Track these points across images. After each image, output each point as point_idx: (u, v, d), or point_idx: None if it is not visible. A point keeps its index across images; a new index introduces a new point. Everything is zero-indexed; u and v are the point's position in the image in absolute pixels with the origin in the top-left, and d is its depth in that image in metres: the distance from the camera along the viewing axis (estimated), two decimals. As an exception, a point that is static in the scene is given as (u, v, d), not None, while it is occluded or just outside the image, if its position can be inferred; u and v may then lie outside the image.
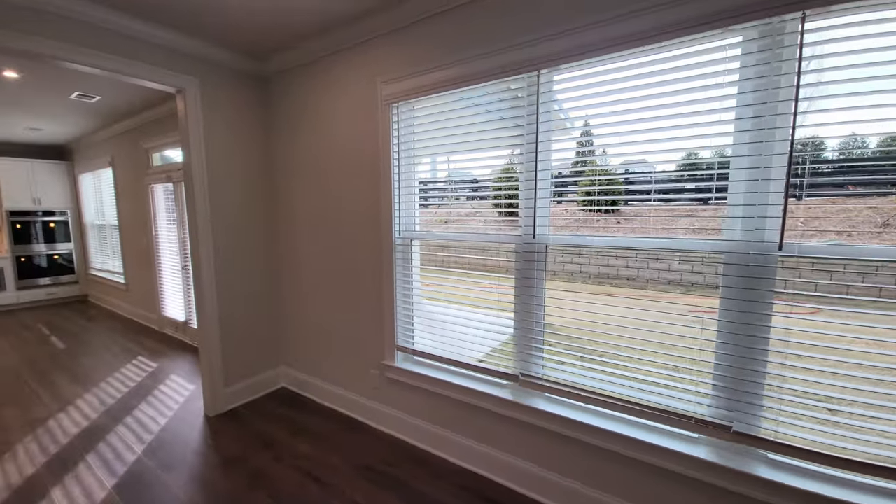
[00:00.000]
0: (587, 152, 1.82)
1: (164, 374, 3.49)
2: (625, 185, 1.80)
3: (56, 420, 2.70)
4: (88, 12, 2.03)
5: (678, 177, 1.71)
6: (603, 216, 1.96)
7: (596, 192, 1.78)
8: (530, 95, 1.77)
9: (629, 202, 1.82)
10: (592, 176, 1.79)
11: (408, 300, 2.37)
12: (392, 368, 2.42)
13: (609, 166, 1.85)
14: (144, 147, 4.51)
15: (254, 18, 2.18)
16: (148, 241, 4.68)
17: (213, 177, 2.66)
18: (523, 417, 1.92)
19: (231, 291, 2.83)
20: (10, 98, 3.74)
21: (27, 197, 5.89)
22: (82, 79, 3.28)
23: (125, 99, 3.90)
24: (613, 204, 1.84)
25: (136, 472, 2.16)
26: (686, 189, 1.70)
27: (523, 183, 1.84)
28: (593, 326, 1.78)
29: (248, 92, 2.84)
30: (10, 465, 2.18)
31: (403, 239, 2.33)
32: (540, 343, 1.90)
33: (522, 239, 1.87)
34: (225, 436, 2.51)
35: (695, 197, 1.67)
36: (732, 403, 1.49)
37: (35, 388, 3.20)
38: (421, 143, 2.20)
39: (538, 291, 1.87)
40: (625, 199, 1.81)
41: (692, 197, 1.67)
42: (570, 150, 1.82)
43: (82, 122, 4.76)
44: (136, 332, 4.75)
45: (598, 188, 1.77)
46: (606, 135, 1.68)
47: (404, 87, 2.13)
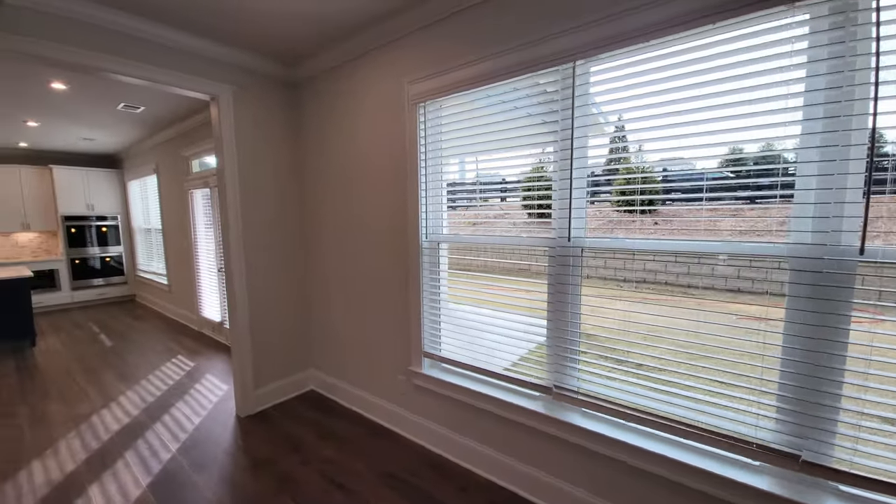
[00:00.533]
0: (622, 148, 1.69)
1: (200, 373, 3.59)
2: (663, 184, 1.67)
3: (99, 416, 2.82)
4: (131, 24, 2.10)
5: (725, 174, 1.54)
6: (638, 217, 1.82)
7: (635, 191, 1.64)
8: (565, 88, 1.66)
9: (667, 202, 1.68)
10: (629, 174, 1.65)
11: (434, 305, 2.30)
12: (418, 375, 2.35)
13: (646, 163, 1.70)
14: (184, 154, 4.71)
15: (284, 23, 2.19)
16: (187, 244, 4.87)
17: (244, 181, 2.71)
18: (557, 433, 1.79)
19: (261, 294, 2.86)
20: (61, 109, 3.99)
21: (81, 203, 6.31)
22: (126, 90, 3.45)
23: (167, 108, 4.08)
24: (650, 204, 1.70)
25: (170, 470, 2.21)
26: (735, 187, 1.53)
27: (557, 182, 1.72)
28: (634, 336, 1.63)
29: (278, 97, 2.87)
30: (51, 462, 2.28)
31: (430, 242, 2.27)
32: (575, 353, 1.77)
33: (556, 242, 1.76)
34: (255, 437, 2.53)
35: (748, 196, 1.50)
36: (802, 429, 1.31)
37: (82, 384, 3.37)
38: (448, 144, 2.13)
39: (573, 298, 1.75)
40: (662, 199, 1.67)
41: (740, 196, 1.51)
42: (604, 147, 1.69)
43: (129, 131, 5.04)
44: (177, 331, 4.95)
45: (637, 186, 1.62)
46: (644, 127, 1.53)
47: (431, 85, 2.07)
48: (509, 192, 2.11)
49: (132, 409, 2.93)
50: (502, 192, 2.19)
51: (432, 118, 2.16)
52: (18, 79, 3.11)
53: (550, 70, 1.68)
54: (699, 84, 1.38)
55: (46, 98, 3.59)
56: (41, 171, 6.04)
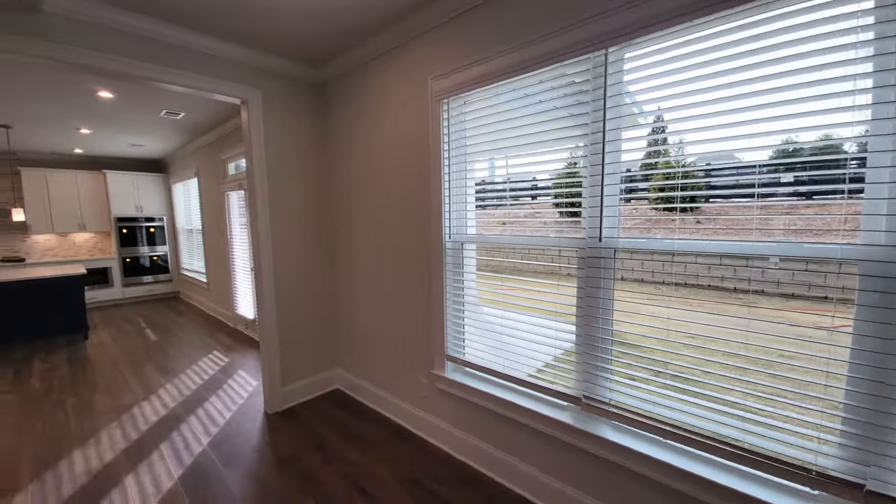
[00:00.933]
0: (660, 141, 1.55)
1: (233, 368, 3.71)
2: (706, 179, 1.52)
3: (140, 408, 2.96)
4: (162, 31, 2.17)
5: (778, 168, 1.38)
6: (678, 215, 1.68)
7: (675, 187, 1.50)
8: (596, 77, 1.55)
9: (711, 199, 1.53)
10: (668, 169, 1.52)
11: (458, 307, 2.24)
12: (441, 379, 2.30)
13: (686, 152, 1.56)
14: (222, 158, 4.90)
15: (306, 22, 2.20)
16: (224, 244, 5.07)
17: (272, 182, 2.75)
18: (586, 446, 1.68)
19: (288, 293, 2.90)
20: (109, 117, 4.25)
21: (132, 205, 6.73)
22: (167, 97, 3.61)
23: (205, 114, 4.25)
24: (692, 201, 1.55)
25: (200, 464, 2.27)
26: (789, 182, 1.37)
27: (588, 179, 1.61)
28: (674, 345, 1.50)
29: (305, 99, 2.91)
30: (92, 451, 2.41)
31: (454, 243, 2.21)
32: (607, 361, 1.66)
33: (587, 242, 1.65)
34: (281, 434, 2.56)
35: (805, 192, 1.33)
36: (868, 455, 1.14)
37: (127, 376, 3.57)
38: (472, 141, 2.06)
39: (605, 301, 1.63)
40: (706, 196, 1.52)
41: (795, 192, 1.34)
42: (641, 140, 1.56)
43: (172, 137, 5.31)
44: (214, 327, 5.16)
45: (678, 180, 1.48)
46: (684, 112, 1.39)
47: (455, 80, 2.01)
48: (536, 191, 2.01)
49: (170, 401, 3.06)
50: (529, 190, 2.09)
51: (456, 115, 2.10)
52: (68, 88, 3.32)
53: (580, 59, 1.57)
54: (749, 66, 1.24)
55: (95, 106, 3.83)
56: (95, 175, 6.50)
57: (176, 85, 2.33)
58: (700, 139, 1.39)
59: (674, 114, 1.42)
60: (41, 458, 2.33)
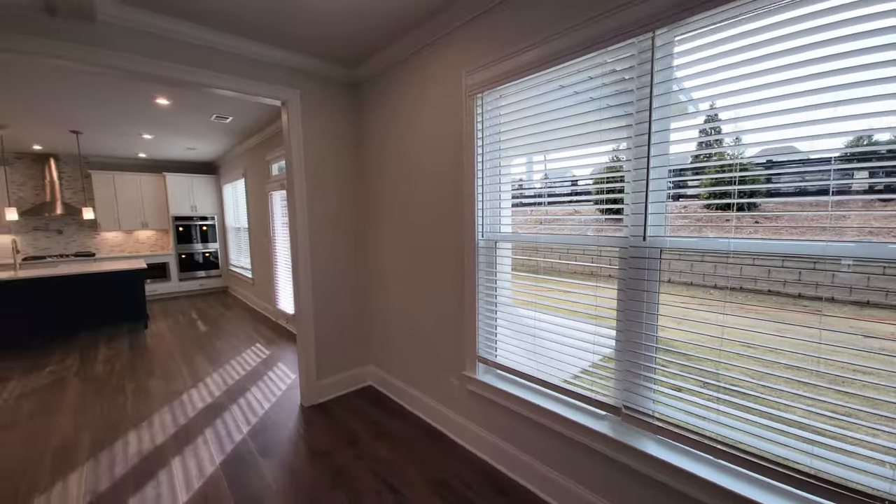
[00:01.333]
0: (712, 131, 1.41)
1: (273, 361, 3.86)
2: (767, 172, 1.37)
3: (188, 394, 3.14)
4: (215, 39, 2.29)
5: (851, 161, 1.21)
6: (734, 213, 1.53)
7: (731, 182, 1.36)
8: (642, 63, 1.43)
9: (772, 195, 1.38)
10: (722, 163, 1.37)
11: (491, 308, 2.18)
12: (472, 380, 2.24)
13: (743, 144, 1.40)
14: (266, 159, 5.12)
15: (343, 21, 2.22)
16: (267, 241, 5.30)
17: (310, 182, 2.82)
18: (627, 460, 1.57)
19: (324, 290, 2.97)
20: (166, 122, 4.56)
21: (187, 205, 7.21)
22: (216, 102, 3.82)
23: (251, 117, 4.46)
24: (751, 196, 1.40)
25: (239, 451, 2.36)
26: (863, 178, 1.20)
27: (632, 173, 1.50)
28: (726, 355, 1.36)
29: (341, 99, 2.96)
30: (145, 433, 2.58)
31: (487, 241, 2.15)
32: (650, 370, 1.53)
33: (629, 241, 1.53)
34: (315, 427, 2.62)
35: (887, 185, 1.16)
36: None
37: (179, 364, 3.81)
38: (507, 136, 1.99)
39: (649, 305, 1.51)
40: (766, 189, 1.39)
41: (871, 188, 1.17)
42: (691, 129, 1.42)
43: (222, 140, 5.62)
44: (258, 321, 5.41)
45: (735, 174, 1.34)
46: (742, 102, 1.25)
47: (490, 74, 1.95)
48: (574, 187, 1.91)
49: (215, 389, 3.23)
50: (566, 186, 1.99)
51: (490, 109, 2.04)
52: (130, 95, 3.59)
53: (625, 44, 1.46)
54: (816, 45, 1.09)
55: (154, 113, 4.12)
56: (156, 177, 7.02)
57: (221, 89, 2.43)
58: (759, 127, 1.24)
59: (730, 99, 1.28)
60: (99, 439, 2.53)
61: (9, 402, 3.03)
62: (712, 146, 1.43)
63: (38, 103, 3.75)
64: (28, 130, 4.81)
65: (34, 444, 2.46)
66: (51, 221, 6.47)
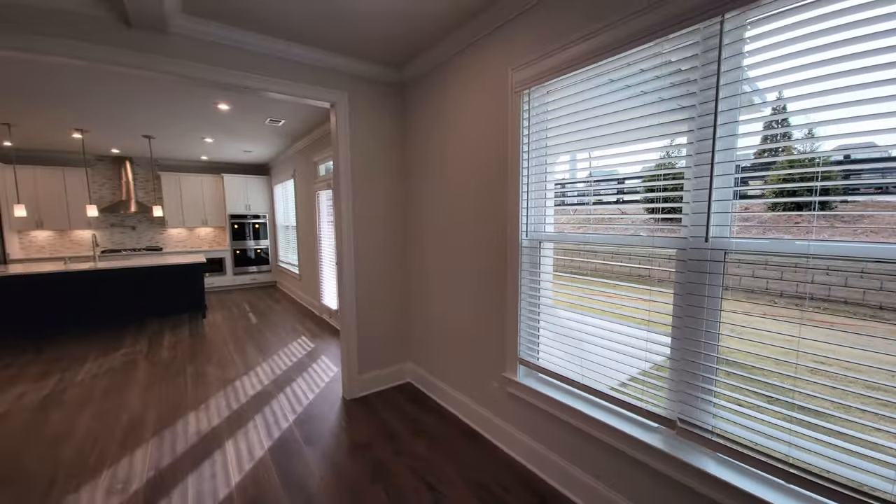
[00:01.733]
0: (779, 123, 1.28)
1: (317, 354, 4.01)
2: (849, 167, 1.23)
3: (241, 381, 3.33)
4: (273, 47, 2.41)
5: None
6: (805, 214, 1.40)
7: (816, 176, 1.22)
8: (707, 51, 1.33)
9: (850, 193, 1.24)
10: (796, 157, 1.24)
11: (534, 310, 2.12)
12: (513, 383, 2.20)
13: (817, 138, 1.26)
14: (314, 160, 5.34)
15: (389, 23, 2.26)
16: (313, 239, 5.52)
17: (356, 182, 2.90)
18: (683, 478, 1.46)
19: (367, 287, 3.04)
20: (225, 126, 4.87)
21: (242, 204, 7.68)
22: (270, 106, 4.03)
23: (302, 120, 4.67)
24: (826, 193, 1.26)
25: (285, 439, 2.47)
26: None
27: (693, 170, 1.40)
28: (797, 369, 1.22)
29: (387, 101, 3.01)
30: (202, 415, 2.76)
31: (531, 241, 2.09)
32: (710, 382, 1.42)
33: (688, 243, 1.43)
34: (356, 420, 2.68)
35: None
36: None
37: (232, 352, 4.05)
38: (553, 133, 1.93)
39: (710, 312, 1.40)
40: (842, 188, 1.27)
41: None
42: (756, 123, 1.30)
43: (275, 142, 5.93)
44: (303, 315, 5.65)
45: (816, 168, 1.21)
46: (818, 90, 1.12)
47: (538, 69, 1.90)
48: (626, 187, 1.81)
49: (264, 378, 3.40)
50: (616, 184, 1.89)
51: (537, 106, 1.99)
52: (196, 101, 3.87)
53: (688, 31, 1.36)
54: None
55: (215, 118, 4.42)
56: (215, 178, 7.54)
57: (275, 92, 2.56)
58: (837, 118, 1.11)
59: (804, 88, 1.16)
60: (163, 417, 2.74)
61: (85, 381, 3.36)
62: (779, 140, 1.30)
63: (115, 110, 4.15)
64: (107, 135, 5.33)
65: (106, 420, 2.71)
66: (126, 218, 7.14)
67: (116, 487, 2.03)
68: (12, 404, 2.93)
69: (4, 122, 4.51)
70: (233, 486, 2.03)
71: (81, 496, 1.97)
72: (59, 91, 3.54)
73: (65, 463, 2.23)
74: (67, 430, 2.57)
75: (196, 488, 2.02)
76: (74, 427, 2.61)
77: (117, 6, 1.95)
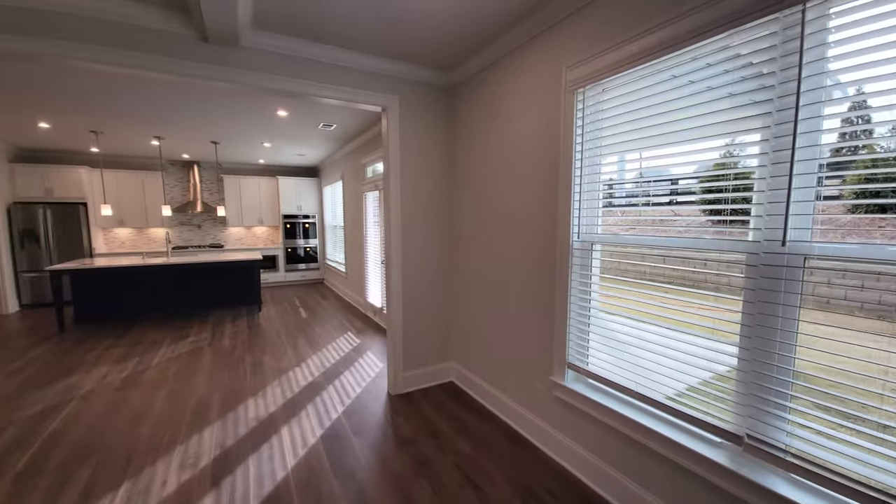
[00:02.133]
0: (860, 119, 1.17)
1: (363, 349, 4.15)
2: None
3: (293, 372, 3.52)
4: (329, 54, 2.54)
5: None
6: (888, 217, 1.28)
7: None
8: (786, 42, 1.24)
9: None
10: (885, 155, 1.13)
11: (584, 313, 2.07)
12: (560, 387, 2.16)
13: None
14: (362, 163, 5.52)
15: (445, 25, 2.30)
16: (360, 239, 5.71)
17: (405, 182, 2.98)
18: (749, 497, 1.37)
19: (413, 286, 3.10)
20: (282, 132, 5.17)
21: (294, 205, 8.10)
22: (323, 111, 4.22)
23: (351, 124, 4.86)
24: None
25: (336, 428, 2.58)
26: None
27: (768, 168, 1.31)
28: (885, 386, 1.11)
29: (438, 104, 3.06)
30: (260, 401, 2.95)
31: (582, 243, 2.05)
32: (784, 397, 1.32)
33: (761, 247, 1.34)
34: (401, 415, 2.75)
35: None
36: None
37: (286, 344, 4.29)
38: (609, 132, 1.88)
39: (785, 323, 1.30)
40: None
41: None
42: (835, 119, 1.19)
43: (326, 146, 6.21)
44: (349, 311, 5.86)
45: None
46: None
47: (593, 67, 1.86)
48: (680, 188, 1.72)
49: (314, 370, 3.57)
50: (670, 185, 1.80)
51: (592, 104, 1.94)
52: (258, 109, 4.15)
53: (764, 20, 1.28)
54: None
55: (273, 124, 4.71)
56: (270, 180, 8.01)
57: (331, 98, 2.68)
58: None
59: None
60: (226, 401, 2.95)
61: (160, 364, 3.70)
62: (861, 137, 1.18)
63: (189, 119, 4.53)
64: (180, 141, 5.83)
65: (177, 401, 2.96)
66: (193, 217, 7.77)
67: (188, 462, 2.22)
68: (97, 384, 3.28)
69: (94, 129, 5.07)
70: (289, 470, 2.15)
71: (157, 468, 2.17)
72: (141, 101, 3.93)
73: (142, 438, 2.47)
74: (144, 409, 2.85)
75: (256, 468, 2.16)
76: (150, 406, 2.89)
77: (196, 24, 2.14)
